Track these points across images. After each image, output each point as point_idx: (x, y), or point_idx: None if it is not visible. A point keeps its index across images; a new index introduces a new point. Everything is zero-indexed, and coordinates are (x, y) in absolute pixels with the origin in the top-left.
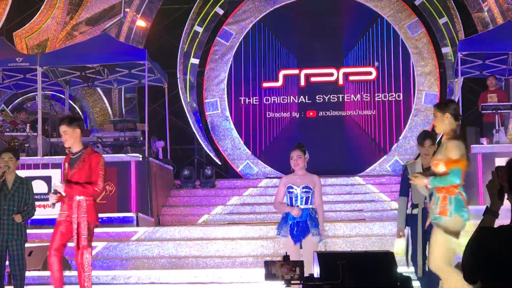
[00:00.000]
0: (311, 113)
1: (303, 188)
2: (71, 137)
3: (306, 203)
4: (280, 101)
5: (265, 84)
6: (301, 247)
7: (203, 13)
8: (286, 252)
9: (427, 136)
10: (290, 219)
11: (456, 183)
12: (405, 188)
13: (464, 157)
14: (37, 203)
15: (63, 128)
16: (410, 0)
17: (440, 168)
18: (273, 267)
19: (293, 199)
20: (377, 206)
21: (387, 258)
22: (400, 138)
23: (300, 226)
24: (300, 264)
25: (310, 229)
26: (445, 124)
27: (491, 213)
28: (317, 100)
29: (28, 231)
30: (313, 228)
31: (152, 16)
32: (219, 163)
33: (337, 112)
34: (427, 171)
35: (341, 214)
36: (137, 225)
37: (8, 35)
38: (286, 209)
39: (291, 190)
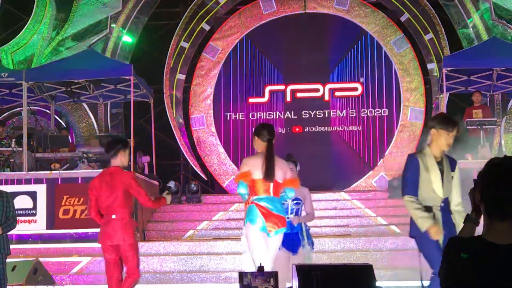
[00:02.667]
0: (297, 129)
1: (293, 200)
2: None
3: (296, 215)
4: (266, 116)
5: (251, 100)
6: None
7: (189, 28)
8: (260, 263)
9: (457, 123)
10: None
11: None
12: (414, 186)
13: None
14: (22, 218)
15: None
16: (396, 16)
17: None
18: (248, 279)
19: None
20: (363, 221)
21: (366, 271)
22: (386, 153)
23: (292, 238)
24: (274, 275)
25: (301, 241)
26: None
27: (472, 221)
28: (303, 116)
29: (13, 246)
30: (303, 240)
31: (138, 32)
32: (205, 178)
33: (323, 127)
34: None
35: (327, 229)
36: None
37: None
38: None
39: (282, 202)
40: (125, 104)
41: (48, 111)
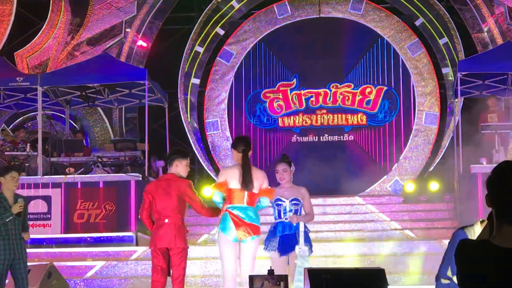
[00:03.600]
0: (311, 133)
1: (291, 200)
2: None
3: (295, 213)
4: (280, 122)
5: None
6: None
7: (204, 33)
8: (271, 266)
9: None
10: (278, 232)
11: None
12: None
13: None
14: (37, 222)
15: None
16: (411, 21)
17: None
18: (258, 282)
19: (282, 212)
20: (377, 226)
21: (378, 275)
22: (401, 158)
23: (289, 239)
24: (284, 278)
25: (298, 243)
26: None
27: (491, 220)
28: (317, 120)
29: (27, 250)
30: (299, 242)
31: (153, 36)
32: None
33: (337, 132)
34: None
35: (341, 234)
36: (137, 244)
37: (9, 55)
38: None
39: (279, 203)
40: (139, 108)
41: (63, 116)
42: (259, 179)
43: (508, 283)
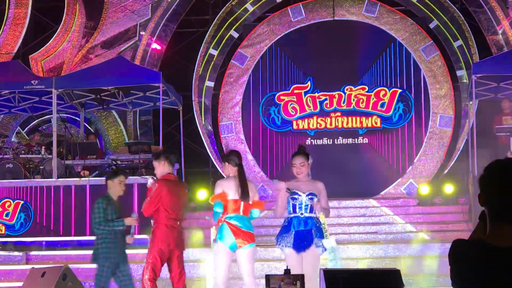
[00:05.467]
0: (325, 136)
1: (308, 195)
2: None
3: (311, 211)
4: (294, 124)
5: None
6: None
7: (218, 36)
8: (287, 266)
9: None
10: (293, 228)
11: None
12: None
13: None
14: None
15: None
16: (425, 23)
17: None
18: (274, 281)
19: (297, 206)
20: (392, 228)
21: (393, 275)
22: (415, 160)
23: (304, 235)
24: (301, 277)
25: (313, 239)
26: None
27: (485, 219)
28: (332, 123)
29: (42, 252)
30: (316, 239)
31: (167, 39)
32: None
33: (351, 134)
34: None
35: (355, 236)
36: None
37: (24, 58)
38: (280, 200)
39: (295, 196)
40: (154, 111)
41: (77, 119)
42: (253, 191)
43: (502, 282)
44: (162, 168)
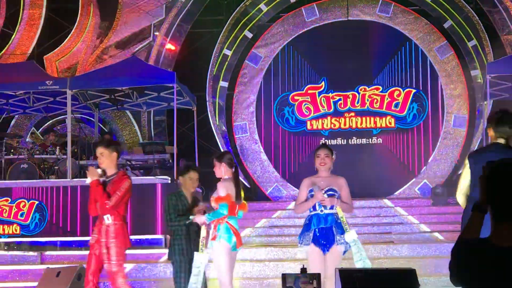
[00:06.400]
0: (340, 136)
1: (327, 191)
2: (106, 159)
3: (331, 207)
4: (308, 125)
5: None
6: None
7: (232, 36)
8: (303, 265)
9: None
10: (313, 225)
11: None
12: None
13: None
14: None
15: (100, 150)
16: (439, 23)
17: None
18: (291, 280)
19: (316, 203)
20: (406, 228)
21: (409, 275)
22: (429, 161)
23: (325, 233)
24: (317, 276)
25: (335, 237)
26: None
27: (479, 209)
28: (346, 123)
29: (57, 252)
30: (339, 236)
31: (181, 40)
32: (248, 186)
33: (366, 135)
34: None
35: (369, 236)
36: (166, 246)
37: (39, 59)
38: (310, 202)
39: (314, 193)
40: (168, 111)
41: (92, 119)
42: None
43: (506, 281)
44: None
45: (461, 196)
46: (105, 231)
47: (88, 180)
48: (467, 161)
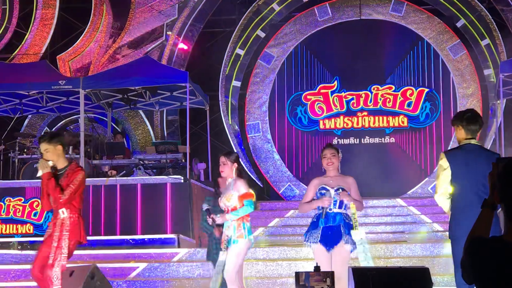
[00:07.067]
0: (352, 135)
1: (337, 190)
2: (53, 154)
3: (339, 207)
4: (321, 124)
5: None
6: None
7: (244, 36)
8: (317, 263)
9: None
10: (321, 224)
11: None
12: None
13: None
14: None
15: (44, 146)
16: (452, 22)
17: None
18: (304, 278)
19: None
20: (419, 228)
21: (422, 274)
22: None
23: (333, 231)
24: (331, 275)
25: (342, 236)
26: None
27: (489, 206)
28: (358, 122)
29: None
30: (346, 235)
31: (194, 39)
32: (261, 185)
33: (378, 134)
34: None
35: (382, 235)
36: (178, 246)
37: (52, 59)
38: (314, 204)
39: (323, 192)
40: (181, 111)
41: (105, 119)
42: None
43: None
44: (61, 152)
45: (442, 198)
46: (60, 225)
47: (39, 173)
48: (443, 162)
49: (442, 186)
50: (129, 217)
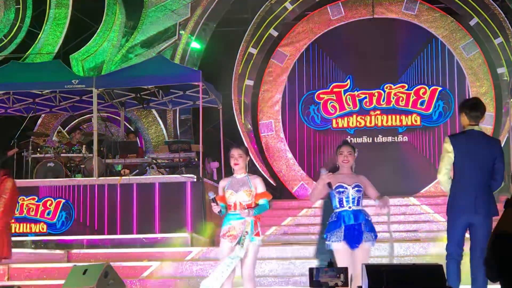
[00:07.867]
0: (365, 134)
1: (354, 187)
2: None
3: (358, 203)
4: (334, 123)
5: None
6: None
7: (257, 35)
8: (330, 259)
9: None
10: (343, 222)
11: None
12: None
13: None
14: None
15: None
16: (465, 21)
17: None
18: (317, 274)
19: (344, 200)
20: (432, 226)
21: (436, 271)
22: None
23: (355, 230)
24: (344, 270)
25: (363, 234)
26: None
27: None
28: (371, 121)
29: (84, 250)
30: (366, 233)
31: (206, 38)
32: (274, 184)
33: (391, 133)
34: None
35: (395, 234)
36: (192, 245)
37: (65, 58)
38: (320, 185)
39: (341, 190)
40: (194, 110)
41: (118, 118)
42: None
43: None
44: None
45: (446, 178)
46: None
47: None
48: (447, 145)
49: (446, 167)
50: (147, 216)
